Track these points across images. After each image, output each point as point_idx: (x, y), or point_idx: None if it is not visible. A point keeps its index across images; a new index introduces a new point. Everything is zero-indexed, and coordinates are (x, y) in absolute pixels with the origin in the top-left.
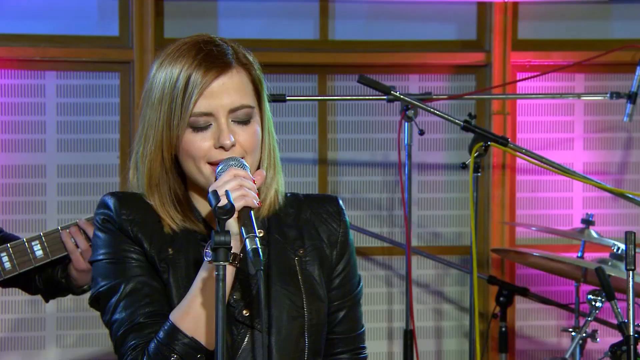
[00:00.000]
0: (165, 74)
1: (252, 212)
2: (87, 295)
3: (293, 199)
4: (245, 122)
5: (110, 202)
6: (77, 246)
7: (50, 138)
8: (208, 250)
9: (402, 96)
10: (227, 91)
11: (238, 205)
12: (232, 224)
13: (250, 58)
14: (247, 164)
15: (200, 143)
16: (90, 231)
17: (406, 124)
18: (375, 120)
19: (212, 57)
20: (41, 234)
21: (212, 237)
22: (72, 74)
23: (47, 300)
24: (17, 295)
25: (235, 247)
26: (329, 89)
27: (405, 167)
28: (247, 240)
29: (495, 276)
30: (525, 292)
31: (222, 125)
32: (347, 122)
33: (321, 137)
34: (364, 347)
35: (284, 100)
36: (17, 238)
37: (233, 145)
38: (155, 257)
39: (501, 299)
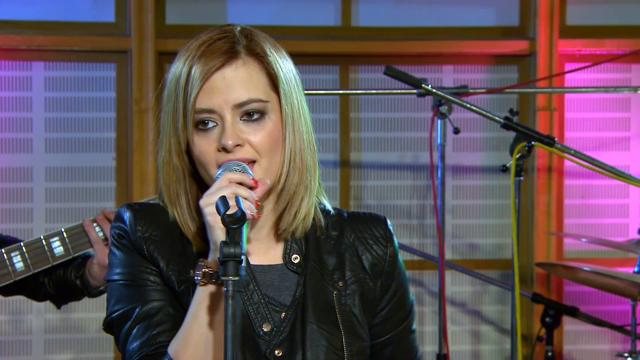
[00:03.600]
0: (173, 70)
1: (245, 225)
2: (79, 313)
3: (337, 218)
4: (256, 119)
5: (126, 215)
6: (103, 237)
7: (37, 137)
8: (198, 271)
9: (434, 90)
10: (230, 85)
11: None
12: (219, 238)
13: (267, 47)
14: (249, 169)
15: (206, 146)
16: None
17: (439, 121)
18: (404, 117)
19: (215, 47)
20: (62, 229)
21: (220, 248)
22: (62, 65)
23: (59, 306)
24: None
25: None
26: (352, 81)
27: (438, 170)
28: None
29: (540, 294)
30: (574, 312)
31: (225, 123)
32: (373, 119)
33: (343, 136)
34: None
35: None
36: (16, 241)
37: (238, 146)
38: (173, 279)
39: (547, 319)
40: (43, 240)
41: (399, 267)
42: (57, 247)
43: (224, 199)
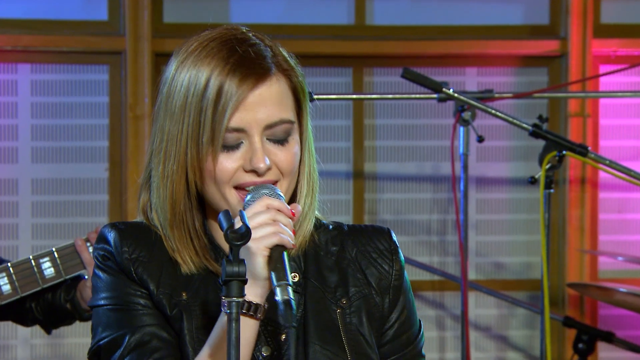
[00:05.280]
0: (188, 76)
1: (285, 253)
2: (69, 339)
3: (336, 232)
4: (282, 140)
5: (110, 236)
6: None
7: (23, 146)
8: (225, 299)
9: (456, 94)
10: (263, 103)
11: (269, 242)
12: (260, 266)
13: (292, 62)
14: (282, 194)
15: (226, 164)
16: None
17: (462, 128)
18: (424, 124)
19: (248, 61)
20: (53, 249)
21: (223, 266)
22: (51, 67)
23: (48, 332)
24: None
25: (260, 296)
26: (367, 85)
27: (460, 182)
28: (277, 289)
29: (572, 317)
30: (610, 338)
31: (255, 144)
32: (389, 127)
33: (356, 145)
34: None
35: (311, 100)
36: (2, 261)
37: (268, 169)
38: (165, 302)
39: (580, 345)
40: (32, 261)
41: (406, 281)
42: (48, 269)
43: (226, 213)
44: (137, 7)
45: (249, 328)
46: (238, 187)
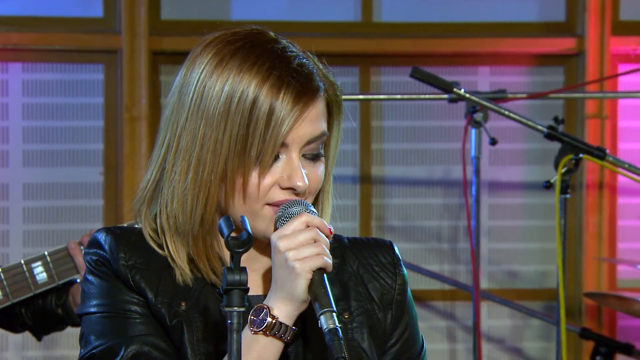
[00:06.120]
0: (231, 82)
1: (325, 276)
2: (62, 349)
3: (336, 245)
4: (316, 156)
5: (105, 241)
6: None
7: (14, 149)
8: (256, 317)
9: (468, 95)
10: (309, 119)
11: (315, 265)
12: (302, 289)
13: (331, 77)
14: (315, 211)
15: (263, 179)
16: None
17: (473, 130)
18: (433, 125)
19: (300, 76)
20: (46, 253)
21: (223, 275)
22: (43, 67)
23: (39, 338)
24: None
25: (292, 318)
26: (374, 85)
27: (472, 187)
28: (322, 317)
29: (589, 329)
30: (629, 350)
31: (293, 160)
32: (397, 129)
33: (363, 148)
34: None
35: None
36: None
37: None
38: (164, 312)
39: (598, 358)
40: (24, 266)
41: (409, 296)
42: (40, 273)
43: (227, 218)
44: (133, 3)
45: (274, 350)
46: (270, 204)
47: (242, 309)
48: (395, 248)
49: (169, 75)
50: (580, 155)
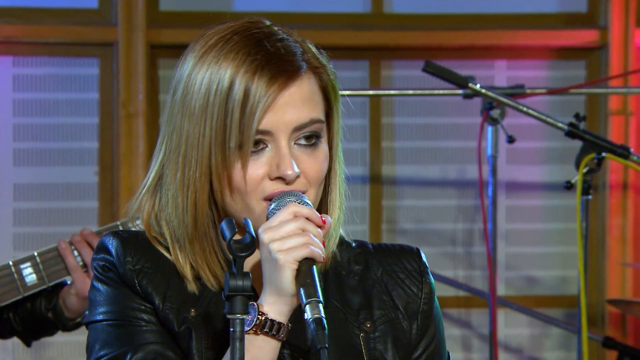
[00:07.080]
0: (209, 74)
1: (315, 267)
2: (54, 352)
3: (360, 250)
4: (312, 144)
5: (112, 245)
6: (82, 263)
7: (4, 148)
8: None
9: (484, 90)
10: (293, 103)
11: (299, 255)
12: (288, 281)
13: (323, 59)
14: (310, 202)
15: (253, 171)
16: (96, 244)
17: (490, 128)
18: (447, 123)
19: (277, 58)
20: (35, 253)
21: (225, 280)
22: (35, 60)
23: (29, 344)
24: None
25: (285, 314)
26: (385, 80)
27: (488, 188)
28: (307, 307)
29: (613, 337)
30: None
31: (282, 148)
32: (409, 126)
33: (373, 146)
34: None
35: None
36: None
37: (297, 177)
38: (171, 318)
39: None
40: (12, 267)
41: (436, 306)
42: (29, 275)
43: (229, 221)
44: None
45: (270, 350)
46: (265, 199)
47: (245, 316)
48: (423, 255)
49: (167, 70)
50: (603, 154)
